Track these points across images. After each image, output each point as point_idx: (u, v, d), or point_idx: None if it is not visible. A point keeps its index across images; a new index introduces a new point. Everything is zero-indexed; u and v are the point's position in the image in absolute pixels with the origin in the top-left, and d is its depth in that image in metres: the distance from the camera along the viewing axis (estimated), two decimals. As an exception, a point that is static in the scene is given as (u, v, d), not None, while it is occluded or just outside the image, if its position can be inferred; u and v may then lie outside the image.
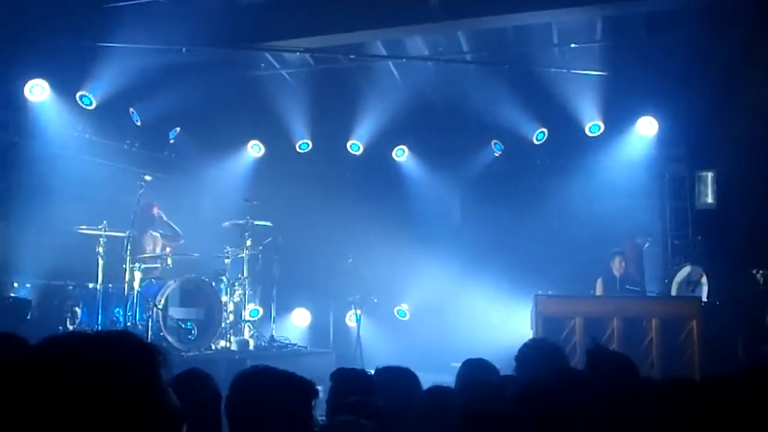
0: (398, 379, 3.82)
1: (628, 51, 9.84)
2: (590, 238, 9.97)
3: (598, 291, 9.34)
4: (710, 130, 9.81)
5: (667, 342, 7.67)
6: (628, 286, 9.07)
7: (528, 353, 3.98)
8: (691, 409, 2.64)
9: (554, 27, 9.61)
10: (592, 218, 10.11)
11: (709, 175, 9.90)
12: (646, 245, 9.88)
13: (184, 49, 9.28)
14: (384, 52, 10.34)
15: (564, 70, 9.81)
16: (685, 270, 9.18)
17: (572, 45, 9.71)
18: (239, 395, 2.52)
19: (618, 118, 10.50)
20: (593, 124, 10.58)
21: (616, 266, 9.32)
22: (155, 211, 9.35)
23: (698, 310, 7.87)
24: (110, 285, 8.31)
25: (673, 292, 9.12)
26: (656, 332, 7.70)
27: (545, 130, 10.99)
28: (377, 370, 3.91)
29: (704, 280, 8.96)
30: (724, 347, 8.50)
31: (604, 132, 10.61)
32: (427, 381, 3.97)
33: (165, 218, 9.39)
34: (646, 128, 10.41)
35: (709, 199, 9.84)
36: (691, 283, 9.02)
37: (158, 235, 9.42)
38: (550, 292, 8.52)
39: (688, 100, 9.76)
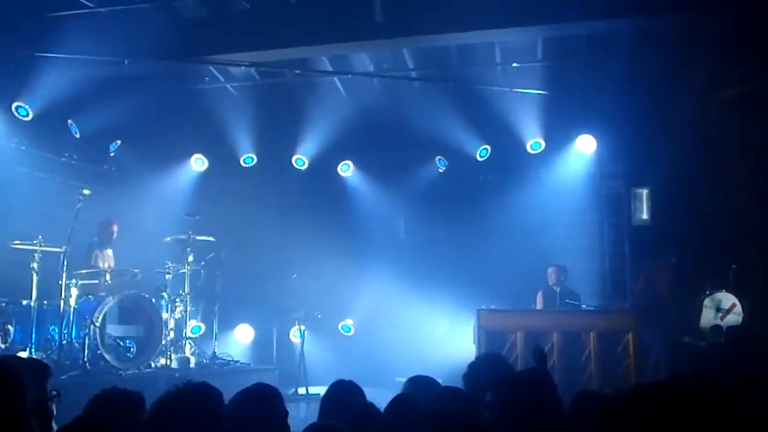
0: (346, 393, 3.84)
1: (568, 71, 10.14)
2: (531, 252, 10.19)
3: (539, 305, 9.54)
4: (645, 148, 10.19)
5: (604, 354, 7.88)
6: (567, 300, 9.28)
7: (478, 368, 4.05)
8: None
9: (497, 47, 9.82)
10: (534, 233, 10.34)
11: (644, 191, 10.27)
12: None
13: (126, 61, 9.11)
14: (330, 68, 10.38)
15: (507, 89, 10.04)
16: (719, 296, 9.13)
17: (514, 64, 9.95)
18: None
19: (558, 136, 10.79)
20: (534, 142, 10.83)
21: (551, 279, 9.56)
22: (115, 228, 9.17)
23: (634, 323, 8.11)
24: (45, 302, 8.03)
25: (704, 315, 9.10)
26: (594, 345, 7.90)
27: (488, 147, 11.20)
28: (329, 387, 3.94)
29: (737, 310, 9.00)
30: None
31: (544, 149, 10.88)
32: (372, 396, 3.99)
33: None
34: (585, 146, 10.72)
35: (644, 215, 10.20)
36: (721, 310, 9.06)
37: (111, 254, 9.22)
38: (492, 307, 8.65)
39: (624, 119, 10.12)
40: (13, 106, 9.17)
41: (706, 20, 8.65)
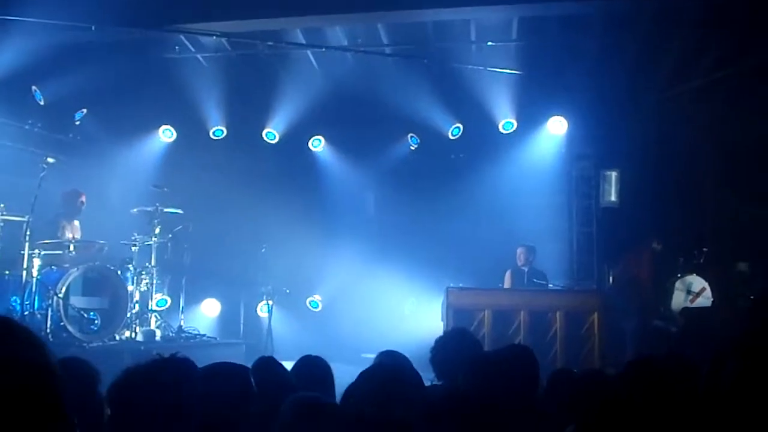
0: (313, 368, 3.82)
1: (542, 52, 10.13)
2: (501, 232, 10.27)
3: (507, 283, 9.62)
4: (616, 131, 10.27)
5: (570, 334, 7.99)
6: (535, 280, 9.37)
7: (445, 344, 4.05)
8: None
9: (473, 24, 9.76)
10: (503, 213, 10.41)
11: (613, 174, 10.37)
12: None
13: (93, 27, 8.86)
14: (303, 41, 10.23)
15: (481, 68, 10.01)
16: (690, 279, 9.25)
17: (489, 43, 9.91)
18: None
19: (530, 117, 10.83)
20: (507, 122, 10.85)
21: (520, 259, 9.64)
22: (83, 199, 8.99)
23: (600, 303, 8.22)
24: (6, 272, 7.88)
25: (675, 298, 9.22)
26: (560, 324, 8.00)
27: (461, 126, 11.19)
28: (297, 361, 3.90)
29: (707, 293, 9.12)
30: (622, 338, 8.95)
31: (516, 129, 10.91)
32: (339, 372, 3.98)
33: None
34: (556, 127, 10.78)
35: (613, 198, 10.31)
36: (691, 293, 9.18)
37: (78, 225, 9.04)
38: (461, 285, 8.69)
39: (595, 101, 10.17)
40: (-26, 71, 8.88)
41: (679, 4, 8.69)
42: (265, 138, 11.64)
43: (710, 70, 9.61)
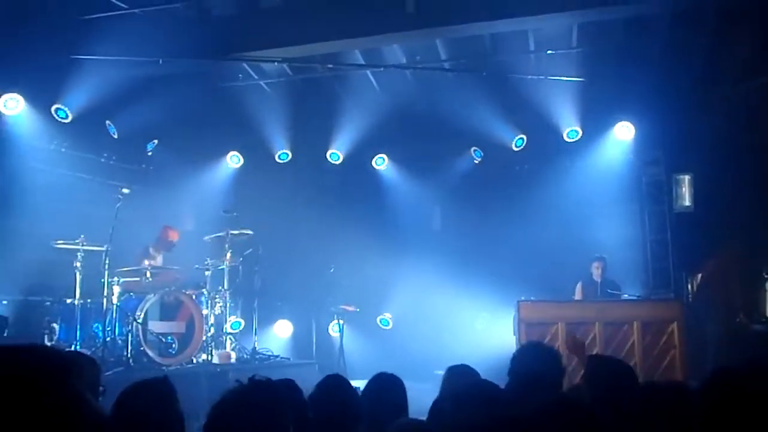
0: (387, 386, 3.81)
1: (604, 57, 9.93)
2: (570, 242, 10.06)
3: (578, 295, 9.39)
4: (686, 134, 9.94)
5: (649, 345, 7.72)
6: (608, 290, 9.12)
7: (524, 357, 3.97)
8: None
9: (530, 34, 9.67)
10: (572, 223, 10.20)
11: (686, 178, 10.02)
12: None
13: (160, 61, 9.19)
14: (362, 61, 10.34)
15: (541, 77, 9.88)
16: None
17: (549, 51, 9.78)
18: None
19: (595, 124, 10.60)
20: (571, 130, 10.66)
21: (595, 272, 9.38)
22: (170, 235, 9.38)
23: (679, 312, 7.93)
24: (88, 300, 8.18)
25: None
26: (638, 335, 7.74)
27: (524, 137, 11.06)
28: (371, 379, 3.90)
29: None
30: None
31: (582, 137, 10.70)
32: (411, 390, 3.95)
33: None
34: (623, 133, 10.52)
35: (687, 202, 9.96)
36: None
37: (161, 259, 9.37)
38: (532, 298, 8.54)
39: (663, 104, 9.88)
40: (53, 108, 9.32)
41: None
42: (329, 159, 11.78)
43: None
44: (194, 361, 8.56)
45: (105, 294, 8.08)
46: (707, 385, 2.91)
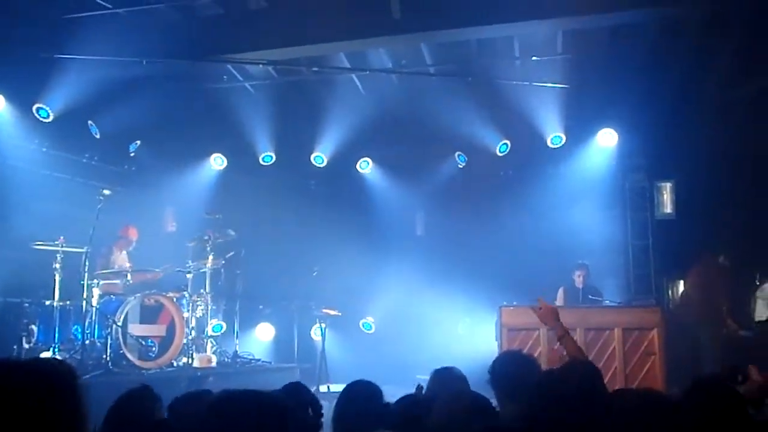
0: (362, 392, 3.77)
1: (588, 64, 9.98)
2: (553, 248, 10.08)
3: (559, 301, 9.42)
4: (669, 141, 10.02)
5: (629, 351, 7.76)
6: (590, 296, 9.16)
7: (503, 366, 3.97)
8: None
9: (516, 40, 9.71)
10: (555, 229, 10.24)
11: (668, 185, 10.12)
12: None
13: (144, 61, 9.14)
14: (347, 65, 10.33)
15: (526, 83, 9.92)
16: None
17: (534, 58, 9.82)
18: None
19: (579, 130, 10.67)
20: (555, 136, 10.72)
21: (578, 279, 9.41)
22: (131, 232, 9.30)
23: (660, 319, 7.98)
24: (68, 302, 8.09)
25: (758, 308, 9.08)
26: (619, 341, 7.78)
27: (508, 142, 11.10)
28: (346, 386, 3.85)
29: None
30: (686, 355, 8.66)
31: (565, 143, 10.76)
32: (393, 394, 3.93)
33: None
34: (607, 139, 10.60)
35: (668, 209, 10.05)
36: None
37: (125, 256, 9.30)
38: (514, 303, 8.55)
39: (647, 112, 9.95)
40: (34, 107, 9.23)
41: (732, 8, 8.46)
42: (313, 162, 11.76)
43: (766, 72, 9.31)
44: (174, 364, 8.49)
45: (85, 296, 7.99)
46: (688, 395, 2.92)
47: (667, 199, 10.14)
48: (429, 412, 3.03)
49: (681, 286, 10.30)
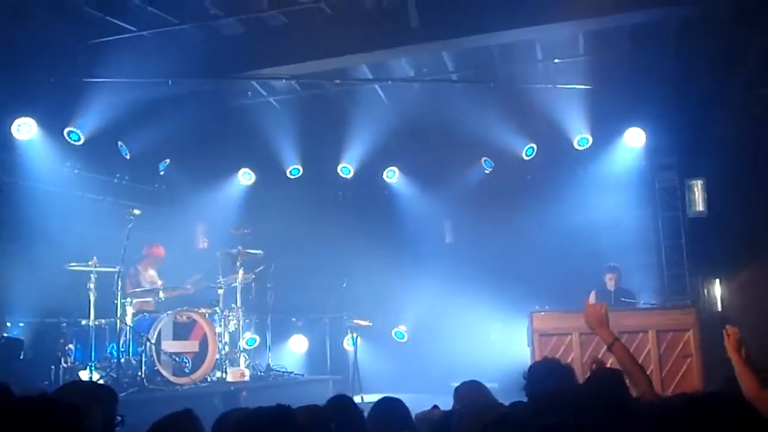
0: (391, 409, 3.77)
1: (612, 63, 9.88)
2: (583, 251, 9.97)
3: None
4: (698, 138, 9.86)
5: (665, 353, 7.62)
6: (623, 299, 9.03)
7: (538, 375, 3.93)
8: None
9: (537, 43, 9.66)
10: (584, 231, 10.13)
11: (699, 182, 9.94)
12: None
13: (170, 82, 9.30)
14: (369, 76, 10.38)
15: (550, 86, 9.86)
16: None
17: (556, 60, 9.76)
18: None
19: (606, 131, 10.55)
20: (581, 138, 10.62)
21: (609, 282, 9.27)
22: (160, 252, 9.41)
23: (695, 320, 7.83)
24: (102, 321, 8.22)
25: None
26: (653, 344, 7.65)
27: (534, 146, 11.03)
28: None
29: None
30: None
31: (592, 145, 10.65)
32: (427, 402, 3.93)
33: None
34: (634, 139, 10.46)
35: (700, 207, 9.87)
36: None
37: (155, 274, 9.42)
38: (547, 308, 8.47)
39: (674, 109, 9.81)
40: (65, 131, 9.43)
41: (757, 5, 8.32)
42: (340, 173, 11.83)
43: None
44: (208, 379, 8.56)
45: (118, 315, 8.12)
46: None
47: (698, 197, 9.96)
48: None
49: (717, 286, 10.07)
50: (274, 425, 2.41)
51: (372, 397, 9.64)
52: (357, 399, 9.49)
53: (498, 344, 10.09)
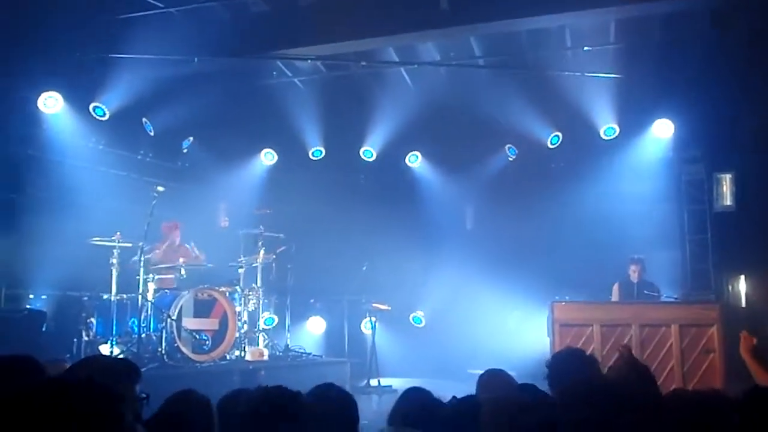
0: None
1: (642, 53, 9.73)
2: (606, 242, 9.87)
3: (614, 297, 9.20)
4: (727, 131, 9.69)
5: (687, 349, 7.53)
6: (646, 291, 8.92)
7: (562, 364, 3.88)
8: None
9: (567, 30, 9.52)
10: (608, 222, 10.01)
11: (728, 176, 9.78)
12: None
13: (195, 59, 9.29)
14: (396, 59, 10.30)
15: (578, 74, 9.71)
16: None
17: (586, 48, 9.61)
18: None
19: (633, 121, 10.40)
20: (608, 127, 10.48)
21: (633, 274, 9.16)
22: (171, 227, 9.33)
23: (719, 316, 7.71)
24: (124, 296, 8.29)
25: None
26: (676, 338, 7.56)
27: (559, 134, 10.92)
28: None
29: None
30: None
31: (619, 135, 10.52)
32: (444, 388, 3.90)
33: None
34: (662, 130, 10.31)
35: (728, 202, 9.71)
36: None
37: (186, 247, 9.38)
38: (567, 298, 8.40)
39: (704, 101, 9.64)
40: (91, 106, 9.47)
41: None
42: (362, 156, 11.79)
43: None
44: (227, 357, 8.62)
45: (140, 290, 8.18)
46: (749, 394, 2.80)
47: (726, 191, 9.79)
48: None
49: (742, 282, 9.92)
50: (280, 408, 2.45)
51: (389, 381, 9.70)
52: (374, 382, 9.57)
53: (516, 332, 10.05)
